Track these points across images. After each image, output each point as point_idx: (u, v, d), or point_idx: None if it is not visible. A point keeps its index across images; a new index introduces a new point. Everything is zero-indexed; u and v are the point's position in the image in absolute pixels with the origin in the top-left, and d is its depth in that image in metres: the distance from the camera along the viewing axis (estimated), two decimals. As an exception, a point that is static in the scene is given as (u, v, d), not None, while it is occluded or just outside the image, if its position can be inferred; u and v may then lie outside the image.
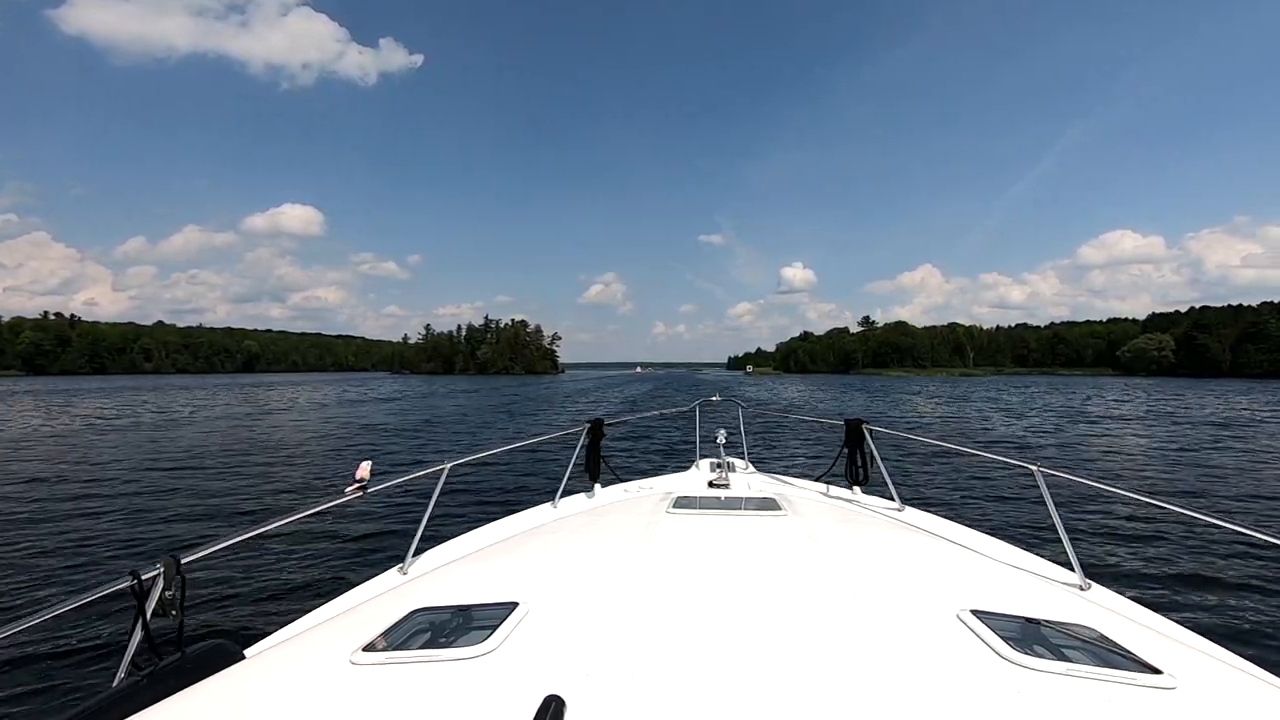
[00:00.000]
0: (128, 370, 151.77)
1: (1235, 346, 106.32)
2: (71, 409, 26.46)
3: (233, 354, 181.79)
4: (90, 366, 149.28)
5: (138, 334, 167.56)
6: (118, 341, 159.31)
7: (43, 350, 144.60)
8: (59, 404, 30.20)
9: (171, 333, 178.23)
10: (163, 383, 69.51)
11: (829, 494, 3.55)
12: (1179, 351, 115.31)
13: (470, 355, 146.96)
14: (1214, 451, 13.30)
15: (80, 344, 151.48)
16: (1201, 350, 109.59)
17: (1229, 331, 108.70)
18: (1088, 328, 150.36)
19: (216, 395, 38.84)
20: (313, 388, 52.61)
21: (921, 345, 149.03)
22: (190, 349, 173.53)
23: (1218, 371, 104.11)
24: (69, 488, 9.10)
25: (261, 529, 1.94)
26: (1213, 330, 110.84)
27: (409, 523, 6.17)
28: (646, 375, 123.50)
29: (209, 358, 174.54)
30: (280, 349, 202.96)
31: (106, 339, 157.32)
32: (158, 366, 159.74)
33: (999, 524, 6.73)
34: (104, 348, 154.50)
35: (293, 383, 69.49)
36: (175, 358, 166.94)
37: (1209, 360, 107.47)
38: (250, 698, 1.16)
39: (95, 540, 6.38)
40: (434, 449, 14.61)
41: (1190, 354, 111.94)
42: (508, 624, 1.30)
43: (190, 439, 15.34)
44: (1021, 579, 1.90)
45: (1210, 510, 1.98)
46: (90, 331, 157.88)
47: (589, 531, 2.24)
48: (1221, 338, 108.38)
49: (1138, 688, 1.08)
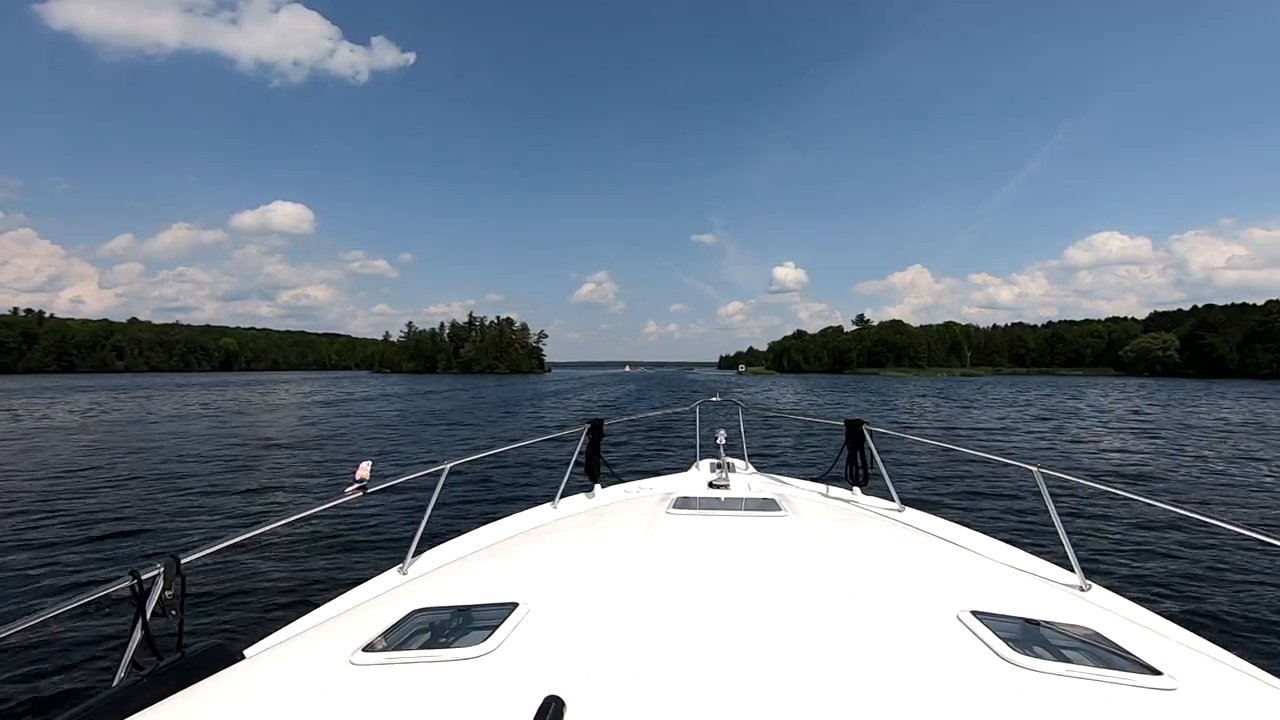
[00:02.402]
0: (98, 369, 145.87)
1: (1242, 346, 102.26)
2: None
3: (210, 352, 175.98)
4: (59, 365, 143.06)
5: (110, 331, 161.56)
6: (88, 339, 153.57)
7: (7, 348, 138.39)
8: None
9: (146, 330, 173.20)
10: (106, 382, 66.03)
11: (829, 494, 3.59)
12: (1184, 351, 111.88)
13: (454, 354, 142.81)
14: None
15: (48, 341, 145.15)
16: (1208, 350, 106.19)
17: (1235, 330, 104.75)
18: (1087, 327, 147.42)
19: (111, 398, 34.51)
20: (263, 389, 48.76)
21: (917, 344, 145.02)
22: (165, 347, 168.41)
23: (1225, 372, 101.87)
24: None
25: (261, 529, 1.95)
26: (1219, 329, 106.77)
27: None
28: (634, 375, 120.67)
29: (184, 355, 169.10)
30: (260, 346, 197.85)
31: (76, 336, 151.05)
32: (130, 365, 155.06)
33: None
34: (73, 345, 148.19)
35: (247, 382, 66.77)
36: (149, 356, 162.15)
37: (1215, 360, 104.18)
38: (250, 698, 1.16)
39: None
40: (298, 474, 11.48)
41: (1196, 354, 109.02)
42: (508, 624, 1.31)
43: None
44: (1021, 579, 1.92)
45: (1210, 511, 1.99)
46: (59, 329, 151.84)
47: (589, 532, 2.25)
48: (1228, 337, 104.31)
49: (1137, 688, 1.08)
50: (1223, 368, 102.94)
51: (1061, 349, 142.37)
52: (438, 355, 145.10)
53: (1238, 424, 20.16)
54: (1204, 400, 34.25)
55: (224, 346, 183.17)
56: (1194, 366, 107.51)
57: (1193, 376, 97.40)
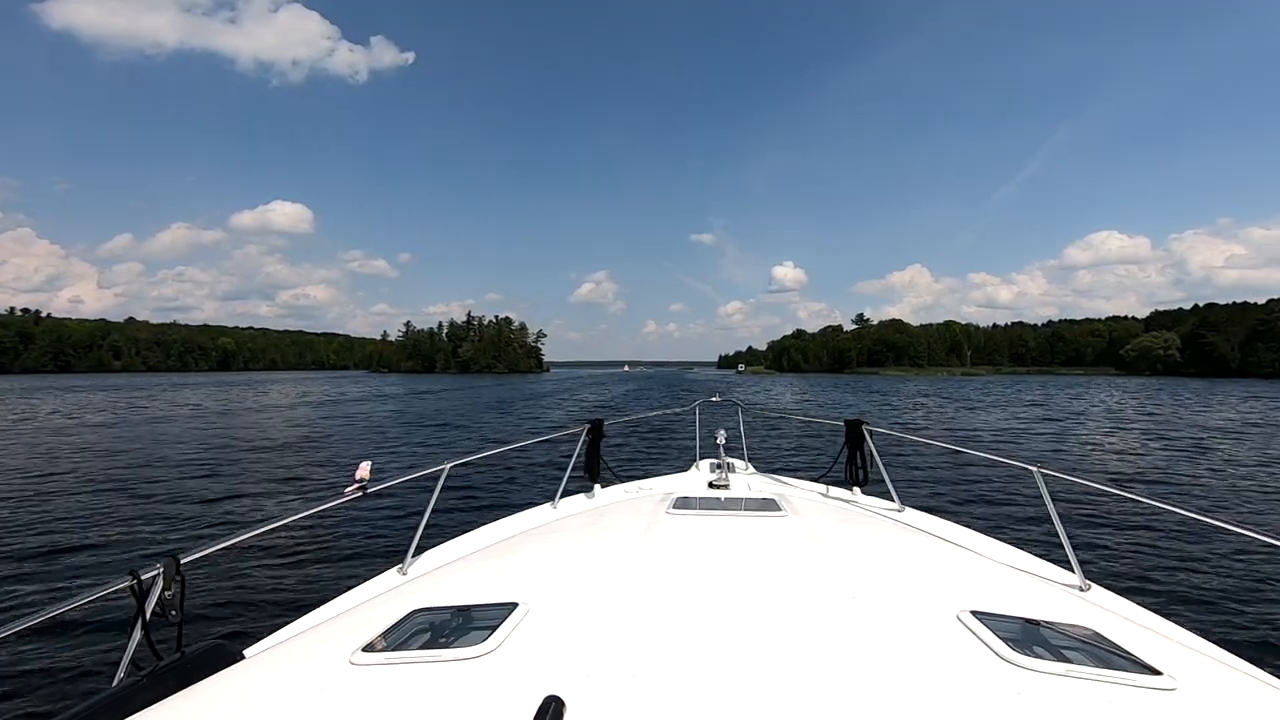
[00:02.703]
0: (95, 369, 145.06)
1: (1244, 345, 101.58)
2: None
3: (207, 352, 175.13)
4: (55, 365, 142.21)
5: (107, 331, 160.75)
6: (85, 339, 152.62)
7: (3, 348, 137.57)
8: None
9: (143, 329, 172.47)
10: (101, 382, 65.10)
11: (829, 495, 3.57)
12: (1185, 350, 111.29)
13: (452, 354, 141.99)
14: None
15: (45, 341, 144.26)
16: (1209, 349, 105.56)
17: (1237, 330, 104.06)
18: (1088, 326, 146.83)
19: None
20: (243, 389, 47.58)
21: (918, 343, 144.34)
22: (163, 346, 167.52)
23: (1226, 371, 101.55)
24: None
25: (261, 529, 1.95)
26: (1220, 329, 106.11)
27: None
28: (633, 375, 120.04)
29: (182, 355, 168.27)
30: (259, 346, 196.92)
31: (73, 336, 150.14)
32: (127, 365, 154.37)
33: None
34: (70, 345, 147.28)
35: (243, 382, 65.65)
36: (146, 355, 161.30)
37: (1217, 360, 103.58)
38: (250, 698, 1.16)
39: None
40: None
41: (1197, 353, 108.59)
42: (508, 624, 1.31)
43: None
44: (1021, 580, 1.91)
45: (1210, 511, 1.98)
46: (56, 328, 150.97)
47: (589, 532, 2.25)
48: (1230, 336, 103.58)
49: (1137, 688, 1.08)
50: (1224, 367, 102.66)
51: (1062, 348, 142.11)
52: (436, 355, 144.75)
53: (1252, 425, 19.68)
54: (1210, 400, 33.82)
55: (222, 346, 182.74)
56: (1195, 366, 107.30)
57: (1194, 376, 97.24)
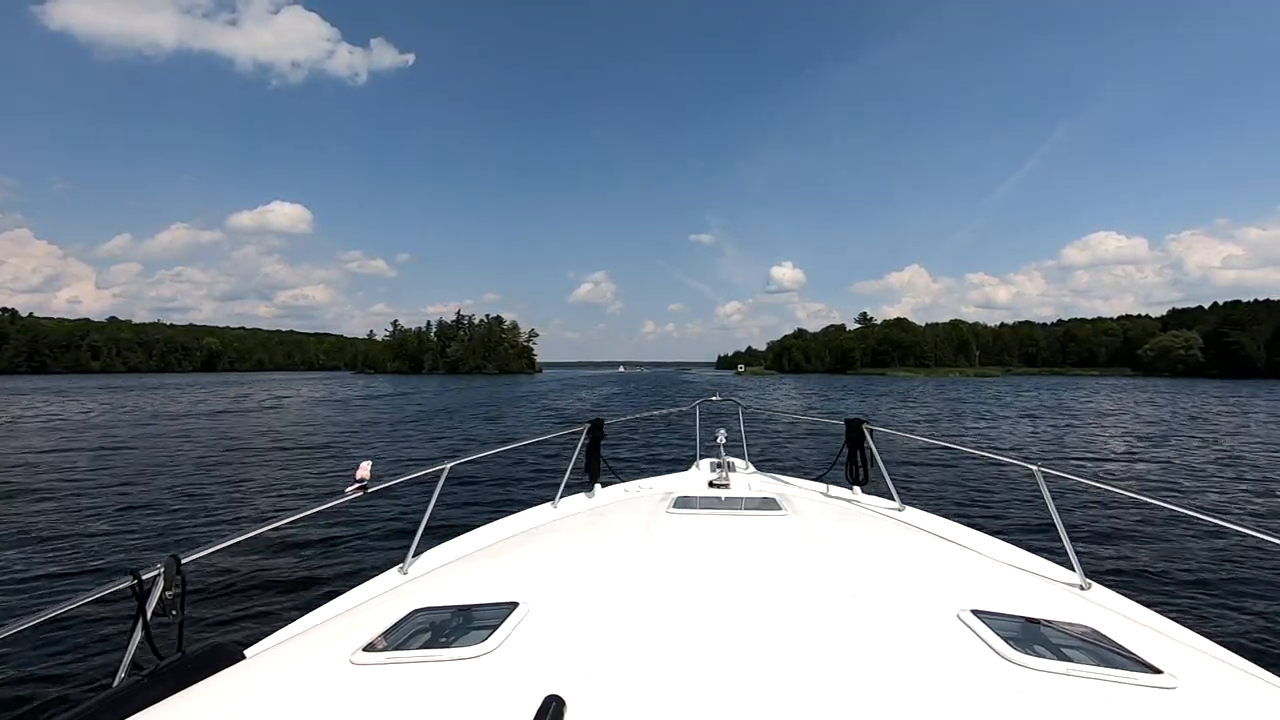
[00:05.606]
0: (72, 369, 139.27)
1: (1270, 344, 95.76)
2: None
3: (191, 352, 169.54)
4: (29, 365, 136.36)
5: (86, 330, 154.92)
6: (63, 338, 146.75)
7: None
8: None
9: (125, 329, 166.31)
10: (76, 384, 60.66)
11: (829, 494, 3.59)
12: (1207, 350, 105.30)
13: (440, 353, 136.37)
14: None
15: (19, 341, 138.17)
16: (1235, 349, 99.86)
17: (1263, 328, 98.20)
18: (1101, 324, 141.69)
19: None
20: (178, 392, 41.84)
21: (924, 343, 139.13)
22: (144, 346, 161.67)
23: (1253, 372, 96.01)
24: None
25: (261, 529, 1.97)
26: (1245, 327, 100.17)
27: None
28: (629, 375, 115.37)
29: (164, 356, 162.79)
30: (245, 346, 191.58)
31: (50, 336, 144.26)
32: (106, 365, 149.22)
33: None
34: (46, 345, 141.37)
35: (205, 384, 61.42)
36: (127, 356, 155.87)
37: (1242, 360, 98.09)
38: (250, 698, 1.17)
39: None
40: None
41: (1221, 353, 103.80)
42: (508, 624, 1.32)
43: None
44: (1021, 579, 1.92)
45: (1210, 510, 2.00)
46: (32, 327, 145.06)
47: (589, 531, 2.27)
48: (1256, 335, 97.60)
49: (1138, 687, 1.08)
50: (1250, 368, 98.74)
51: (1074, 348, 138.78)
52: (424, 355, 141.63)
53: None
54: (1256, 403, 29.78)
55: (207, 346, 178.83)
56: (1218, 366, 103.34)
57: (1217, 377, 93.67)
